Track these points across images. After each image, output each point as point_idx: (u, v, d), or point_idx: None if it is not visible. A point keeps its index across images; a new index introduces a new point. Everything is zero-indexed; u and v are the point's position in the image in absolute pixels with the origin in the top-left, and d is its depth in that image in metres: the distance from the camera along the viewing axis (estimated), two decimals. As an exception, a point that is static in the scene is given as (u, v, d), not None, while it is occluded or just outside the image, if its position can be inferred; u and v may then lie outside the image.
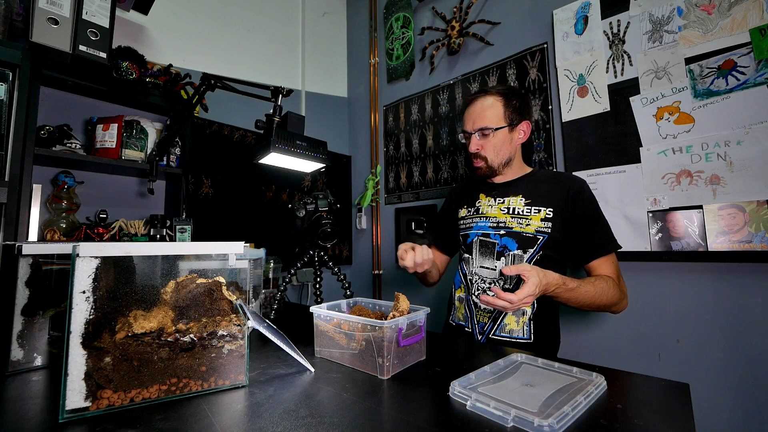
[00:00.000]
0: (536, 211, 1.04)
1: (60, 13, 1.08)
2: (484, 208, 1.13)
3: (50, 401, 0.54)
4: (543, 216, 1.02)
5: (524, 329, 1.00)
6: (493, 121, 1.06)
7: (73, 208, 1.35)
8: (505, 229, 1.05)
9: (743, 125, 1.14)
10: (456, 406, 0.52)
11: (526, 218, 1.04)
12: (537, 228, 1.02)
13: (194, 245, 0.61)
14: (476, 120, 1.07)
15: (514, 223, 1.05)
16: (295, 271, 1.14)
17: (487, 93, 1.09)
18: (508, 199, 1.09)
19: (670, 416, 0.49)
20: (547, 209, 1.03)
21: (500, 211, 1.08)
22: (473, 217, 1.14)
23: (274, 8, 2.21)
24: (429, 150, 2.04)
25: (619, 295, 0.94)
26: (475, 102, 1.09)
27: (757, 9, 1.13)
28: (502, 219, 1.07)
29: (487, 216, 1.10)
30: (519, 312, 1.00)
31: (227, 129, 1.85)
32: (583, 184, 1.04)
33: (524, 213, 1.05)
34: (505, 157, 1.09)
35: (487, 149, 1.07)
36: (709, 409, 1.17)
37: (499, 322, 1.02)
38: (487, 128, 1.05)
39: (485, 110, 1.07)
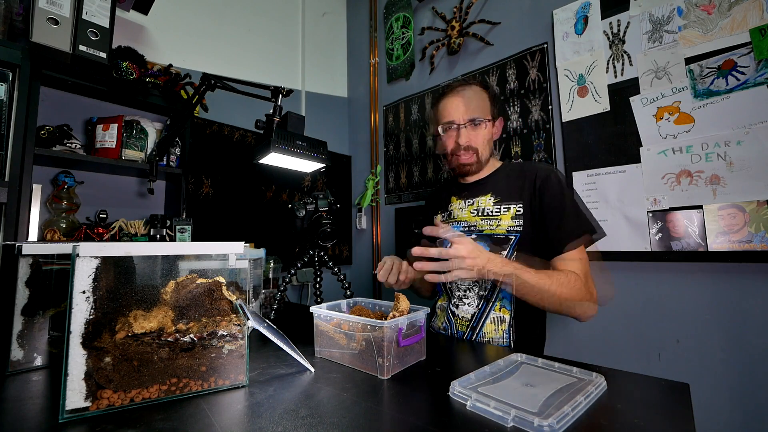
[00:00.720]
0: (506, 210, 0.97)
1: (60, 13, 1.08)
2: (455, 212, 1.08)
3: (50, 401, 0.54)
4: (513, 213, 0.96)
5: (504, 336, 0.95)
6: (485, 111, 1.00)
7: (73, 208, 1.35)
8: (476, 233, 1.00)
9: (743, 125, 1.14)
10: (456, 406, 0.52)
11: (496, 218, 0.98)
12: (508, 227, 0.96)
13: (194, 245, 0.61)
14: (467, 110, 0.99)
15: (485, 224, 0.99)
16: (295, 271, 1.14)
17: (470, 83, 1.02)
18: (477, 200, 1.03)
19: (670, 416, 0.49)
20: (516, 205, 0.96)
21: (470, 214, 1.03)
22: (447, 222, 1.09)
23: (274, 8, 2.21)
24: (429, 150, 2.04)
25: (583, 293, 0.84)
26: (461, 91, 1.01)
27: (757, 9, 1.13)
28: (473, 222, 1.01)
29: (459, 220, 1.05)
30: (498, 320, 0.95)
31: (227, 129, 1.85)
32: (550, 172, 0.97)
33: (494, 213, 0.99)
34: (489, 151, 1.04)
35: (477, 141, 1.00)
36: (709, 409, 1.17)
37: (478, 330, 0.97)
38: (478, 119, 0.98)
39: (473, 100, 0.98)
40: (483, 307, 0.97)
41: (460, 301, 1.02)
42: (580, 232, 0.90)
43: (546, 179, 0.95)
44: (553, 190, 0.93)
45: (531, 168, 1.00)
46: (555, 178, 0.96)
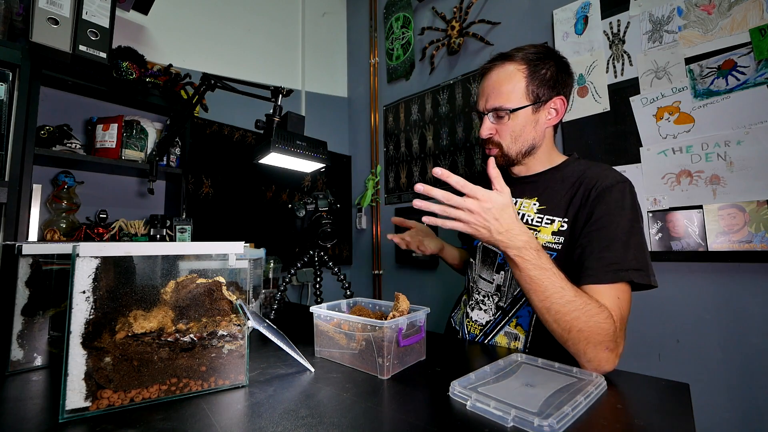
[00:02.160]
0: (548, 222, 0.81)
1: (60, 13, 1.08)
2: None
3: (50, 401, 0.54)
4: (556, 228, 0.80)
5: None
6: (512, 99, 0.81)
7: (73, 208, 1.35)
8: None
9: (743, 125, 1.14)
10: (456, 406, 0.52)
11: (535, 228, 0.83)
12: (546, 243, 0.80)
13: (194, 245, 0.61)
14: (490, 96, 0.82)
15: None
16: (295, 271, 1.14)
17: (507, 59, 0.82)
18: (521, 201, 0.88)
19: (670, 416, 0.49)
20: (561, 219, 0.80)
21: None
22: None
23: (274, 8, 2.21)
24: (429, 150, 2.04)
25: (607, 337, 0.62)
26: (491, 72, 0.84)
27: (757, 9, 1.13)
28: None
29: None
30: (511, 335, 0.84)
31: (227, 129, 1.85)
32: (614, 184, 0.75)
33: (534, 223, 0.84)
34: (527, 144, 0.84)
35: (502, 135, 0.83)
36: (709, 409, 1.17)
37: (489, 339, 0.89)
38: (501, 108, 0.81)
39: (502, 84, 0.81)
40: (499, 319, 0.87)
41: (476, 304, 0.93)
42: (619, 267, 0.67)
43: (605, 191, 0.74)
44: (610, 205, 0.73)
45: (593, 174, 0.79)
46: (618, 191, 0.74)
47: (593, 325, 0.62)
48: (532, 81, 0.81)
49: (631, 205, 0.73)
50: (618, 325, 0.64)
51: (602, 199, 0.74)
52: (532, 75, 0.81)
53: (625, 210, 0.72)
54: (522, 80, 0.81)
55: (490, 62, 0.86)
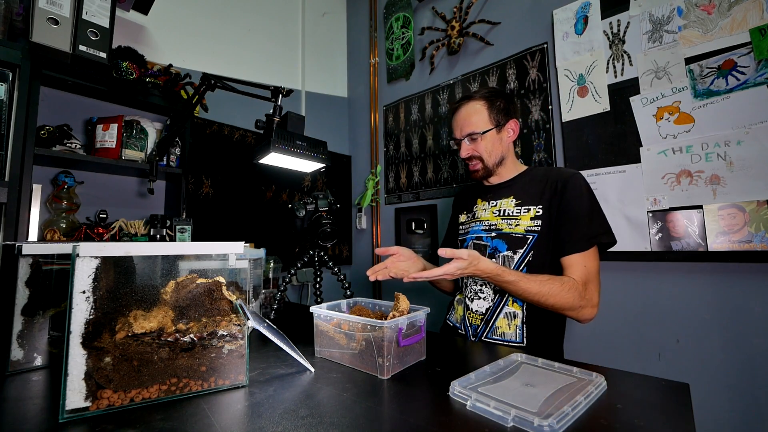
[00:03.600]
0: (526, 211, 1.02)
1: (60, 13, 1.08)
2: (479, 213, 1.13)
3: (50, 401, 0.54)
4: (533, 215, 1.00)
5: (516, 332, 0.97)
6: (480, 125, 1.06)
7: (73, 208, 1.35)
8: (495, 231, 1.05)
9: (743, 125, 1.14)
10: (456, 406, 0.52)
11: (516, 218, 1.03)
12: (526, 228, 1.00)
13: (194, 245, 0.61)
14: (463, 126, 1.07)
15: (504, 224, 1.04)
16: (295, 271, 1.14)
17: (470, 98, 1.09)
18: (500, 202, 1.09)
19: (670, 416, 0.49)
20: (536, 207, 1.01)
21: (492, 214, 1.08)
22: (471, 222, 1.15)
23: (274, 8, 2.21)
24: (429, 150, 2.05)
25: (576, 300, 0.88)
26: (460, 109, 1.10)
27: (757, 9, 1.13)
28: (494, 221, 1.07)
29: (482, 220, 1.11)
30: (510, 315, 0.99)
31: (227, 129, 1.85)
32: (573, 176, 1.00)
33: (514, 214, 1.04)
34: (498, 156, 1.08)
35: (479, 151, 1.07)
36: (709, 409, 1.17)
37: (491, 325, 1.00)
38: (474, 133, 1.05)
39: (470, 116, 1.07)
40: (498, 302, 1.01)
41: (475, 295, 1.05)
42: (589, 237, 0.93)
43: (567, 182, 0.98)
44: (573, 192, 0.97)
45: (555, 172, 1.04)
46: (577, 181, 0.98)
47: (561, 298, 0.88)
48: (491, 111, 1.07)
49: (587, 190, 0.98)
50: (582, 288, 0.90)
51: (566, 188, 0.98)
52: (491, 107, 1.07)
53: (583, 194, 0.97)
54: (485, 111, 1.07)
55: (458, 103, 1.11)
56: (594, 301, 0.91)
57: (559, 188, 0.99)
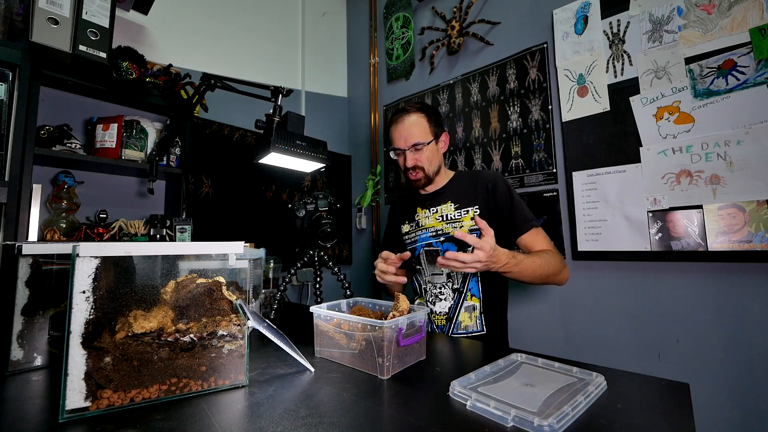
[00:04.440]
0: (465, 213, 1.14)
1: (60, 13, 1.08)
2: (422, 221, 1.22)
3: (50, 401, 0.54)
4: (472, 215, 1.13)
5: (476, 323, 1.10)
6: (422, 136, 1.14)
7: (73, 208, 1.35)
8: (443, 235, 1.15)
9: (743, 125, 1.14)
10: (456, 406, 0.52)
11: (458, 221, 1.14)
12: (469, 227, 1.11)
13: (194, 245, 0.61)
14: (408, 137, 1.15)
15: (449, 228, 1.14)
16: (295, 271, 1.14)
17: (409, 111, 1.17)
18: (439, 208, 1.19)
19: (670, 416, 0.49)
20: (473, 208, 1.13)
21: (436, 220, 1.18)
22: (415, 230, 1.23)
23: (274, 8, 2.21)
24: (429, 150, 2.04)
25: (560, 263, 1.04)
26: (402, 121, 1.16)
27: (757, 9, 1.13)
28: (439, 227, 1.16)
29: (426, 227, 1.20)
30: (470, 308, 1.10)
31: (227, 129, 1.85)
32: (496, 177, 1.17)
33: (456, 217, 1.14)
34: (437, 165, 1.19)
35: (422, 161, 1.16)
36: (709, 409, 1.17)
37: (455, 321, 1.11)
38: (419, 143, 1.14)
39: (413, 127, 1.14)
40: (457, 300, 1.12)
41: (436, 298, 1.15)
42: (530, 219, 1.10)
43: (495, 183, 1.14)
44: (502, 190, 1.13)
45: (480, 175, 1.19)
46: (501, 181, 1.15)
47: (552, 263, 1.02)
48: (429, 124, 1.16)
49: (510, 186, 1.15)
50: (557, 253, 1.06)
51: (496, 188, 1.14)
52: (429, 119, 1.17)
53: (510, 189, 1.14)
54: (425, 123, 1.16)
55: (397, 115, 1.18)
56: (564, 262, 1.07)
57: (490, 188, 1.14)
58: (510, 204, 1.11)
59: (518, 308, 1.61)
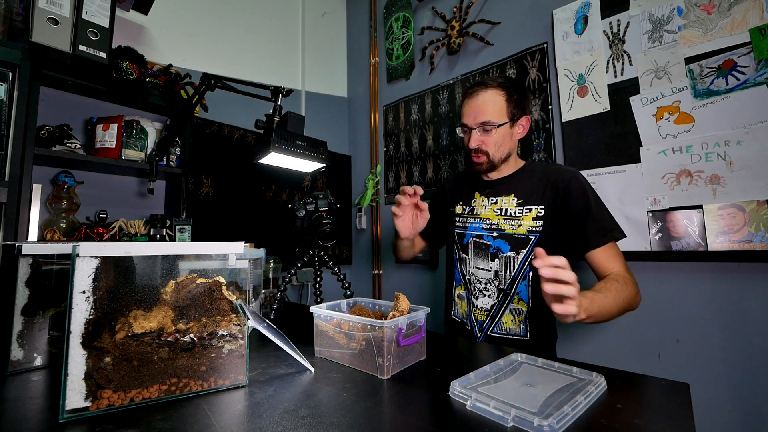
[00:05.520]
0: (527, 211, 1.02)
1: (60, 13, 1.08)
2: (478, 209, 1.11)
3: (50, 401, 0.54)
4: (534, 215, 1.01)
5: (521, 327, 1.02)
6: (496, 116, 1.01)
7: (73, 208, 1.35)
8: (497, 231, 1.05)
9: (743, 125, 1.14)
10: (456, 406, 0.52)
11: (518, 219, 1.03)
12: (529, 228, 1.01)
13: (194, 245, 0.61)
14: (478, 114, 1.01)
15: (506, 224, 1.04)
16: (295, 271, 1.14)
17: (488, 86, 1.03)
18: (500, 199, 1.07)
19: (670, 416, 0.49)
20: (538, 207, 1.01)
21: (493, 213, 1.07)
22: (468, 216, 1.13)
23: (274, 8, 2.21)
24: (429, 150, 2.04)
25: (633, 290, 0.88)
26: (476, 95, 1.03)
27: (757, 9, 1.13)
28: (495, 221, 1.06)
29: (481, 217, 1.09)
30: (516, 312, 1.02)
31: (227, 129, 1.85)
32: (574, 175, 1.00)
33: (516, 214, 1.03)
34: (505, 152, 1.05)
35: (488, 145, 1.03)
36: (709, 409, 1.17)
37: (497, 320, 1.05)
38: (489, 123, 1.00)
39: (487, 104, 1.01)
40: (502, 300, 1.04)
41: (480, 293, 1.08)
42: (607, 232, 0.93)
43: (570, 182, 0.99)
44: (578, 192, 0.97)
45: (555, 171, 1.04)
46: (579, 181, 0.99)
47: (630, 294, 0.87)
48: (509, 103, 1.02)
49: (589, 188, 0.99)
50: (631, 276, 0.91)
51: (570, 189, 0.98)
52: (509, 99, 1.02)
53: (587, 191, 0.97)
54: (503, 102, 1.02)
55: (475, 88, 1.05)
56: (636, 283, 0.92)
57: (562, 189, 0.99)
58: (586, 211, 0.95)
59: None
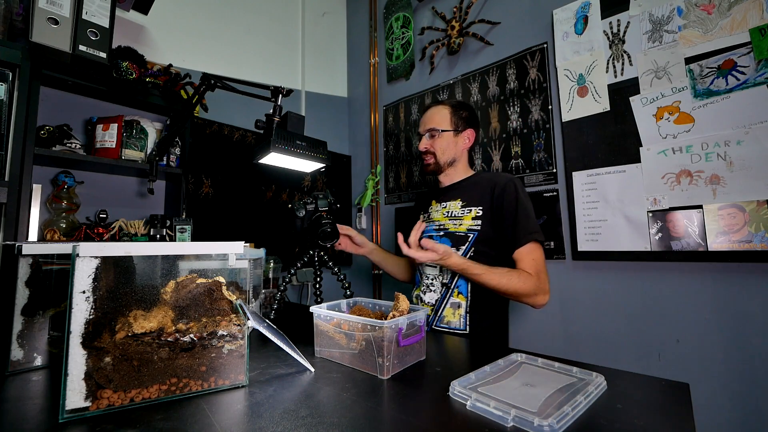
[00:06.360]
0: (468, 211, 1.16)
1: (60, 13, 1.08)
2: (433, 214, 1.26)
3: (50, 401, 0.54)
4: (474, 215, 1.14)
5: (460, 321, 1.11)
6: (441, 124, 1.21)
7: (73, 208, 1.35)
8: (443, 230, 1.19)
9: (743, 125, 1.14)
10: (456, 406, 0.52)
11: (460, 219, 1.16)
12: (468, 227, 1.14)
13: (194, 245, 0.61)
14: (427, 123, 1.23)
15: (450, 224, 1.17)
16: (295, 271, 1.14)
17: (439, 103, 1.26)
18: (449, 204, 1.22)
19: (670, 416, 0.49)
20: (477, 208, 1.14)
21: (442, 215, 1.22)
22: (426, 222, 1.27)
23: (274, 8, 2.21)
24: (429, 150, 2.04)
25: (532, 287, 1.02)
26: (429, 110, 1.26)
27: (757, 9, 1.13)
28: (443, 222, 1.20)
29: (434, 220, 1.24)
30: (455, 305, 1.12)
31: (227, 129, 1.85)
32: (509, 181, 1.13)
33: (458, 214, 1.17)
34: (450, 157, 1.22)
35: (435, 148, 1.21)
36: (709, 409, 1.17)
37: (439, 314, 1.13)
38: (435, 129, 1.20)
39: (434, 116, 1.22)
40: (444, 294, 1.14)
41: (427, 288, 1.19)
42: (526, 234, 1.06)
43: (505, 186, 1.12)
44: (511, 195, 1.10)
45: (496, 177, 1.18)
46: (513, 186, 1.12)
47: (518, 285, 1.01)
48: (453, 116, 1.22)
49: (521, 193, 1.11)
50: (536, 277, 1.03)
51: (504, 192, 1.11)
52: (455, 113, 1.22)
53: (518, 197, 1.10)
54: (448, 115, 1.22)
55: (427, 106, 1.27)
56: (546, 288, 1.05)
57: (498, 192, 1.12)
58: (514, 212, 1.08)
59: (518, 308, 1.61)
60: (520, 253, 1.06)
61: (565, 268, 1.50)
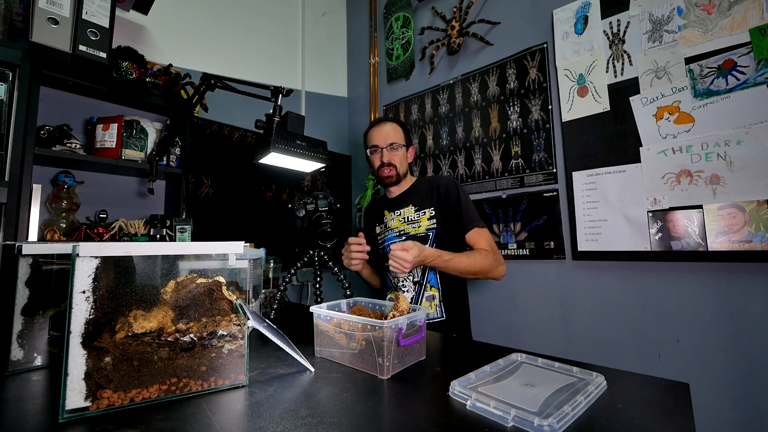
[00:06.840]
0: (423, 214, 1.28)
1: (60, 13, 1.08)
2: (389, 223, 1.36)
3: (50, 401, 0.54)
4: (429, 216, 1.27)
5: (437, 310, 1.22)
6: (399, 139, 1.33)
7: (73, 208, 1.35)
8: (404, 235, 1.29)
9: (743, 125, 1.14)
10: (456, 406, 0.52)
11: (417, 222, 1.28)
12: (426, 227, 1.26)
13: (194, 245, 0.61)
14: (387, 138, 1.32)
15: (410, 228, 1.28)
16: (295, 271, 1.14)
17: (390, 120, 1.37)
18: (402, 210, 1.33)
19: (670, 416, 0.49)
20: (429, 209, 1.27)
21: (399, 222, 1.32)
22: (384, 231, 1.37)
23: (274, 8, 2.21)
24: (429, 150, 2.04)
25: (493, 262, 1.16)
26: (383, 125, 1.35)
27: (757, 9, 1.13)
28: (402, 227, 1.31)
29: (392, 228, 1.33)
30: (430, 297, 1.23)
31: (227, 129, 1.85)
32: (449, 180, 1.29)
33: (415, 218, 1.29)
34: (405, 169, 1.35)
35: (395, 160, 1.32)
36: (709, 409, 1.17)
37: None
38: (396, 143, 1.31)
39: (392, 131, 1.33)
40: (419, 291, 1.24)
41: (400, 291, 1.27)
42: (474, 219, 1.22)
43: (446, 186, 1.27)
44: (454, 193, 1.26)
45: (435, 179, 1.33)
46: (453, 185, 1.27)
47: (482, 262, 1.14)
48: (404, 134, 1.36)
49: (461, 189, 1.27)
50: (493, 253, 1.18)
51: (448, 190, 1.27)
52: (404, 131, 1.37)
53: (459, 193, 1.26)
54: (401, 132, 1.36)
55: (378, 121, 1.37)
56: (502, 260, 1.21)
57: (443, 192, 1.27)
58: (458, 206, 1.24)
59: (518, 308, 1.61)
60: (472, 236, 1.21)
61: (565, 267, 1.50)
